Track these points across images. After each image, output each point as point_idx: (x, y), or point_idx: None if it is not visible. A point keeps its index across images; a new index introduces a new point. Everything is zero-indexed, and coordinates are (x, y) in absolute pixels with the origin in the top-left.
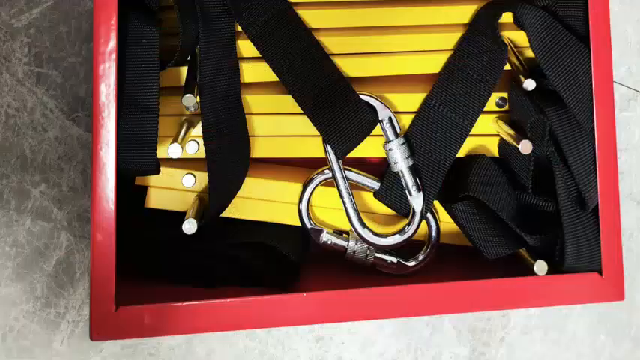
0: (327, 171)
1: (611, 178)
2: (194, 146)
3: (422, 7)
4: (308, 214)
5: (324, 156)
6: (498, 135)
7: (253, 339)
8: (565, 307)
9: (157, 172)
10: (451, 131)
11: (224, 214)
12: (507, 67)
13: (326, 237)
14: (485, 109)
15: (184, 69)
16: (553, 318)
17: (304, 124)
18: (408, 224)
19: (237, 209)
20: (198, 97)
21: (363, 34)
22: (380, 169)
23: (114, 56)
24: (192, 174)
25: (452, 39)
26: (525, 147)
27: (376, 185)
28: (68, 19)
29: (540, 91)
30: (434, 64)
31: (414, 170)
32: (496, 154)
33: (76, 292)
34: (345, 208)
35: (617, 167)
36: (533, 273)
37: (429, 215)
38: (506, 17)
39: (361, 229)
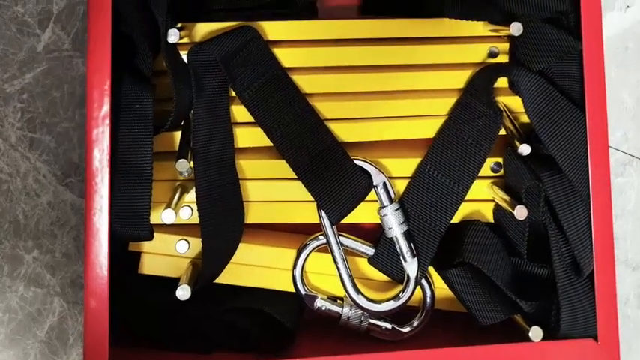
0: (321, 237)
1: (606, 244)
2: (188, 212)
3: (416, 72)
4: (302, 280)
5: (318, 221)
6: (493, 200)
7: None
8: None
9: (150, 237)
10: (446, 197)
11: (218, 280)
12: (502, 132)
13: (320, 303)
14: (480, 174)
15: (178, 134)
16: None
17: (298, 190)
18: (403, 290)
19: (231, 275)
20: (191, 163)
21: (357, 99)
22: (374, 234)
23: (107, 121)
24: (185, 240)
25: (447, 104)
26: (520, 213)
27: (371, 251)
28: (61, 83)
29: (536, 157)
30: (428, 129)
31: (408, 236)
32: (491, 219)
33: (70, 359)
34: (340, 274)
35: (612, 233)
36: (528, 339)
37: (423, 281)
38: (502, 82)
39: (355, 296)
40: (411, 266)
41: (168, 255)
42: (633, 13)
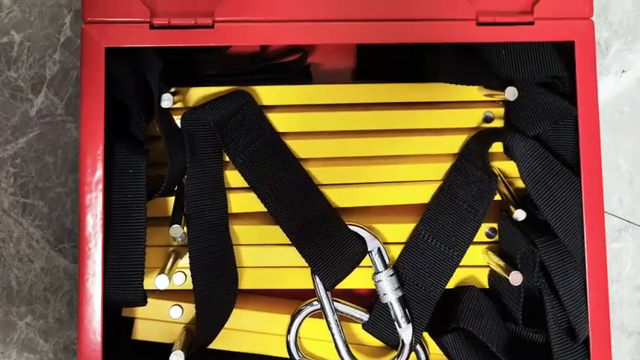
0: (315, 302)
1: (602, 310)
2: (181, 277)
3: (411, 137)
4: (296, 345)
5: (312, 287)
6: (488, 266)
7: None
8: None
9: (144, 303)
10: (441, 262)
11: (212, 346)
12: (497, 197)
13: None
14: (475, 239)
15: (171, 199)
16: None
17: (292, 255)
18: (398, 356)
19: (225, 340)
20: (185, 228)
21: (351, 164)
22: (369, 299)
23: (100, 186)
24: (179, 305)
25: (441, 169)
26: (516, 278)
27: (365, 317)
28: (54, 148)
29: (531, 222)
30: (423, 194)
31: (403, 301)
32: (486, 285)
33: None
34: (334, 340)
35: (608, 299)
36: None
37: (418, 347)
38: (497, 147)
39: None
40: (405, 332)
41: (161, 321)
42: (629, 77)
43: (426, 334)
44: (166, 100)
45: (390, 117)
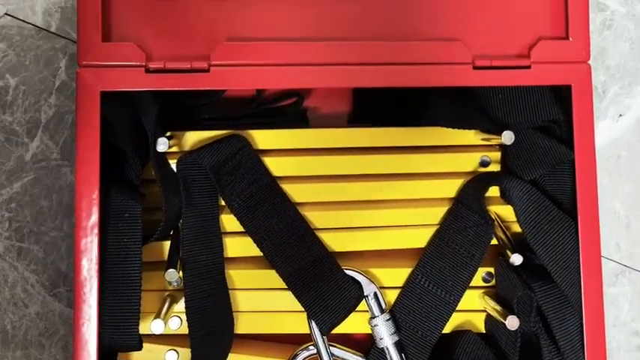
0: (311, 347)
1: (599, 355)
2: (177, 322)
3: (407, 181)
4: None
5: (308, 332)
6: (485, 310)
7: None
8: None
9: (139, 347)
10: (437, 307)
11: None
12: (494, 241)
13: None
14: (471, 284)
15: (167, 243)
16: None
17: (288, 300)
18: None
19: None
20: (181, 272)
21: (347, 209)
22: (365, 344)
23: (96, 230)
24: (175, 350)
25: (438, 213)
26: (512, 323)
27: None
28: (49, 193)
29: (527, 266)
30: (420, 238)
31: (399, 346)
32: (483, 329)
33: None
34: None
35: (605, 344)
36: None
37: None
38: (493, 191)
39: None
40: None
41: None
42: (626, 121)
43: None
44: (162, 144)
45: (386, 161)
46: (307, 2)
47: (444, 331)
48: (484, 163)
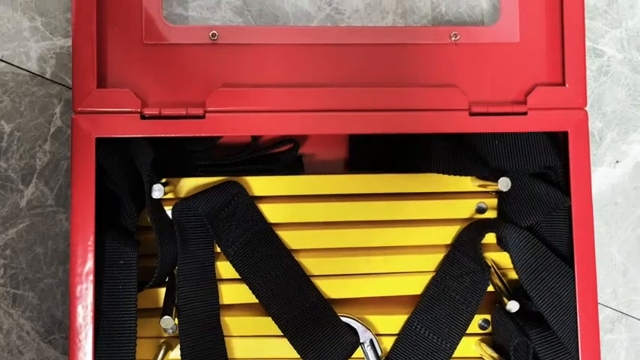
0: None
1: None
2: None
3: (403, 228)
4: None
5: None
6: (481, 358)
7: None
8: None
9: None
10: (433, 354)
11: None
12: (490, 288)
13: None
14: (468, 331)
15: (162, 290)
16: None
17: (284, 347)
18: None
19: None
20: (176, 320)
21: (343, 255)
22: None
23: (91, 277)
24: None
25: (434, 260)
26: None
27: None
28: (45, 239)
29: (524, 313)
30: (416, 285)
31: None
32: None
33: None
34: None
35: None
36: None
37: None
38: (490, 238)
39: None
40: None
41: None
42: (623, 168)
43: None
44: (157, 191)
45: (383, 208)
46: (303, 48)
47: None
48: (480, 210)
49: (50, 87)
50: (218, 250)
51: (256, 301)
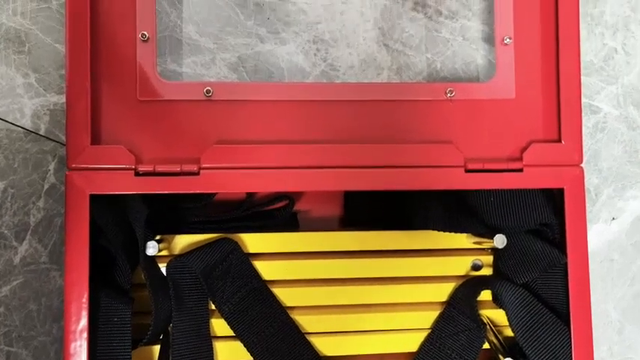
0: None
1: None
2: None
3: (399, 285)
4: None
5: None
6: None
7: None
8: None
9: None
10: None
11: None
12: (486, 345)
13: None
14: None
15: (157, 348)
16: None
17: None
18: None
19: None
20: None
21: (339, 313)
22: None
23: (85, 335)
24: None
25: (430, 317)
26: None
27: None
28: (38, 297)
29: None
30: (411, 343)
31: None
32: None
33: None
34: None
35: None
36: None
37: None
38: (485, 295)
39: None
40: None
41: None
42: (619, 224)
43: None
44: (151, 248)
45: (378, 265)
46: (298, 105)
47: None
48: (476, 267)
49: (44, 143)
50: (213, 307)
51: (251, 358)
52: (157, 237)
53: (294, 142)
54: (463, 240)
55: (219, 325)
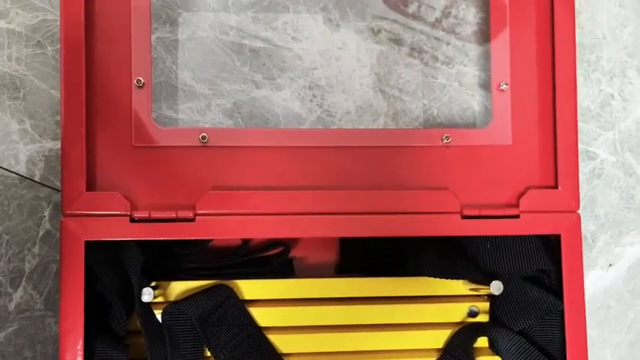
0: None
1: None
2: None
3: (395, 332)
4: None
5: None
6: None
7: None
8: None
9: None
10: None
11: None
12: None
13: None
14: None
15: None
16: None
17: None
18: None
19: None
20: None
21: (334, 359)
22: None
23: None
24: None
25: None
26: None
27: None
28: (33, 344)
29: None
30: None
31: None
32: None
33: None
34: None
35: None
36: None
37: None
38: (482, 342)
39: None
40: None
41: None
42: (616, 271)
43: None
44: (147, 295)
45: (374, 312)
46: (294, 151)
47: None
48: (472, 314)
49: (39, 190)
50: (208, 354)
51: None
52: (153, 283)
53: (289, 188)
54: (459, 286)
55: None
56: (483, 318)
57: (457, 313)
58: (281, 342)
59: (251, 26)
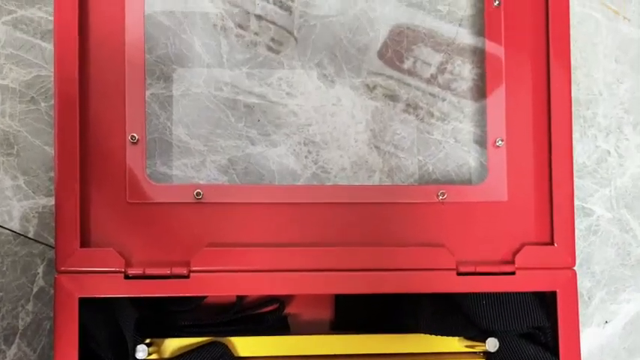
0: None
1: None
2: None
3: None
4: None
5: None
6: None
7: None
8: None
9: None
10: None
11: None
12: None
13: None
14: None
15: None
16: None
17: None
18: None
19: None
20: None
21: None
22: None
23: None
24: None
25: None
26: None
27: None
28: None
29: None
30: None
31: None
32: None
33: None
34: None
35: None
36: None
37: None
38: None
39: None
40: None
41: None
42: (612, 328)
43: None
44: (141, 352)
45: None
46: (289, 207)
47: None
48: None
49: (33, 246)
50: None
51: None
52: (147, 340)
53: (284, 244)
54: (455, 343)
55: None
56: None
57: None
58: None
59: (245, 82)
